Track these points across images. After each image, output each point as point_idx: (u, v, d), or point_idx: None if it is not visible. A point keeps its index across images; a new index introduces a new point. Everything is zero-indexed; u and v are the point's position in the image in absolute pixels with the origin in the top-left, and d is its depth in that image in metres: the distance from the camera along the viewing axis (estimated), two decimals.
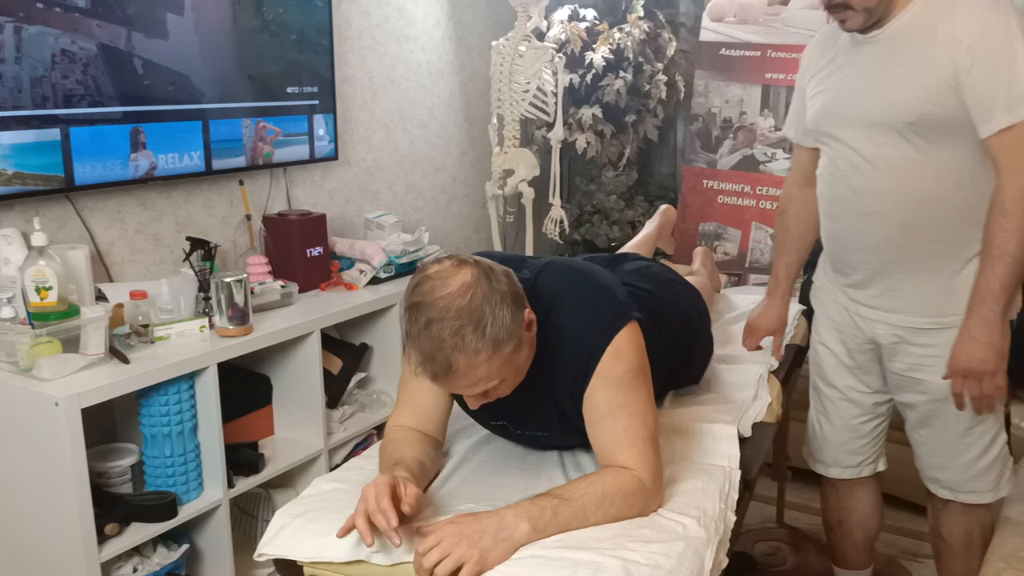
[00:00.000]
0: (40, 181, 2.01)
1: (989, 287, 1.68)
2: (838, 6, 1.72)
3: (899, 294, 1.84)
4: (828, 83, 1.88)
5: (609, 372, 1.43)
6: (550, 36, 3.44)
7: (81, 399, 1.77)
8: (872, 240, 1.83)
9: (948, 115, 1.67)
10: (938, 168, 1.72)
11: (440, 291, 1.29)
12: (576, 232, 3.66)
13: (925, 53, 1.68)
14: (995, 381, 1.72)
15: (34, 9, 1.95)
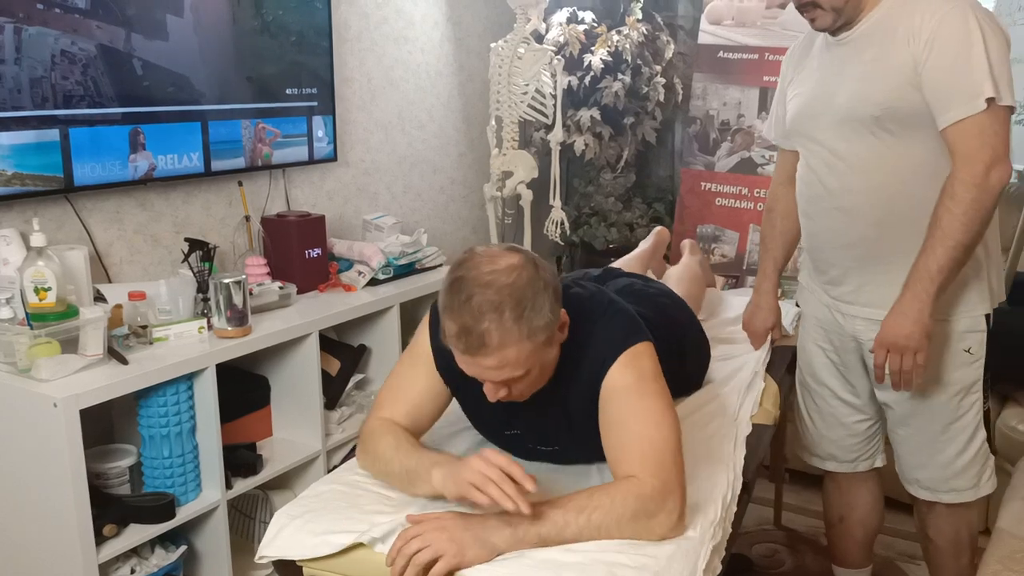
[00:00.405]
0: (39, 182, 2.01)
1: (927, 267, 1.72)
2: (807, 5, 1.79)
3: (874, 288, 1.88)
4: (803, 86, 1.94)
5: (619, 381, 1.43)
6: (549, 38, 3.44)
7: (80, 400, 1.77)
8: (847, 237, 1.88)
9: (912, 109, 1.71)
10: (907, 163, 1.77)
11: (487, 267, 1.31)
12: (574, 234, 3.67)
13: (888, 50, 1.73)
14: (916, 358, 1.76)
15: (34, 10, 1.95)
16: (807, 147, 1.93)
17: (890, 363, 1.79)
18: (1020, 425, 2.63)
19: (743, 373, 2.09)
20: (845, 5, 1.77)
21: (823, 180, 1.89)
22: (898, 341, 1.76)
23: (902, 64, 1.71)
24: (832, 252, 1.94)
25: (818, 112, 1.87)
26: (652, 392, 1.44)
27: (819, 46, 1.93)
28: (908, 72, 1.70)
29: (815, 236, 1.98)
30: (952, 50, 1.66)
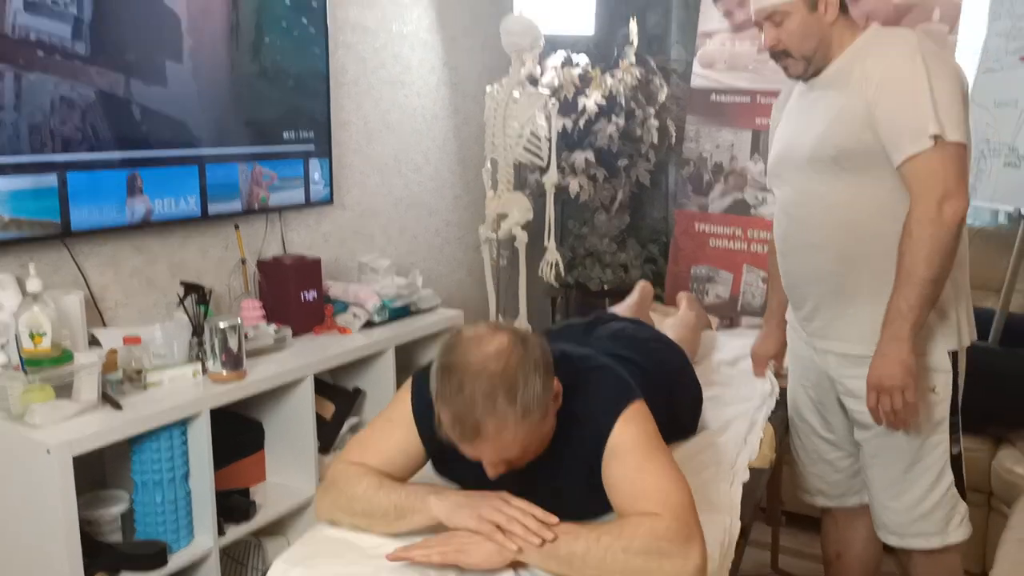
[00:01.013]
0: (36, 227, 2.02)
1: (898, 306, 1.77)
2: (780, 54, 1.90)
3: (843, 323, 1.94)
4: (780, 131, 2.07)
5: (624, 440, 1.43)
6: (544, 82, 3.48)
7: (73, 446, 1.76)
8: (816, 272, 1.96)
9: (866, 149, 1.80)
10: (867, 201, 1.84)
11: (475, 354, 1.31)
12: (569, 275, 3.68)
13: (844, 93, 1.83)
14: (904, 396, 1.80)
15: (35, 57, 1.97)
16: (781, 187, 2.03)
17: (881, 404, 1.83)
18: (1016, 467, 2.63)
19: (741, 421, 2.09)
20: (814, 54, 1.88)
21: (794, 218, 1.99)
22: (883, 382, 1.81)
23: (856, 107, 1.79)
24: (805, 287, 2.02)
25: (789, 154, 1.97)
26: (658, 448, 1.45)
27: (796, 92, 2.03)
28: (862, 114, 1.78)
29: (789, 273, 2.07)
30: (900, 91, 1.75)
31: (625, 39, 3.59)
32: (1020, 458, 2.66)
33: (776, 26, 1.87)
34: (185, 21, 2.28)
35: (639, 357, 1.90)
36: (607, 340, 2.03)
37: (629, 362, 1.84)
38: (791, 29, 1.86)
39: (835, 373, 2.01)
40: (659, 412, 1.82)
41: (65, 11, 2.00)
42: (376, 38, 3.11)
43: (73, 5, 2.02)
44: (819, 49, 1.88)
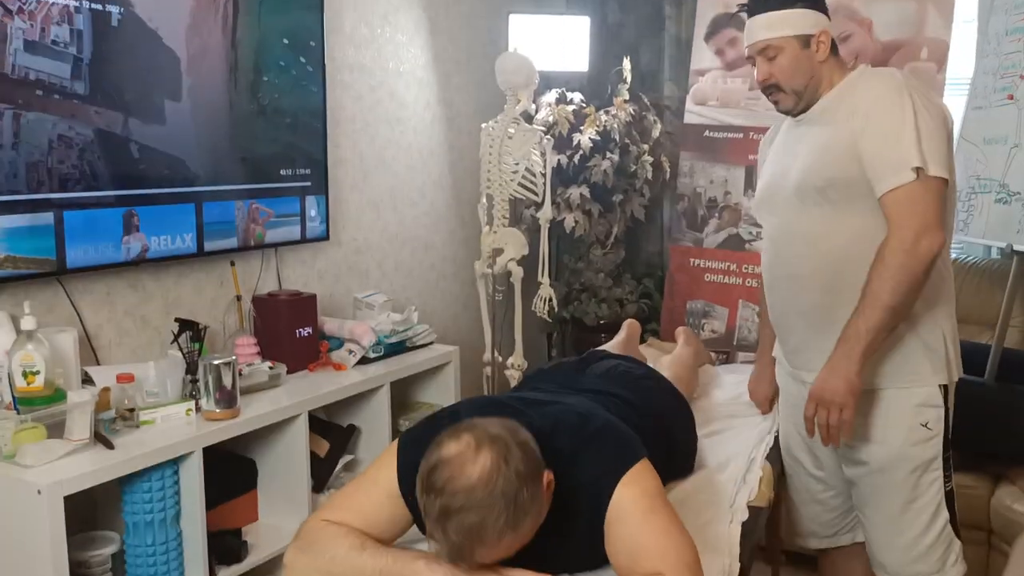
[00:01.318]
0: (32, 265, 2.01)
1: (856, 327, 1.79)
2: (771, 88, 1.95)
3: (827, 355, 1.89)
4: (768, 165, 2.11)
5: (627, 503, 1.42)
6: (538, 118, 3.50)
7: (64, 487, 1.74)
8: (800, 304, 1.98)
9: (852, 179, 1.83)
10: (851, 232, 1.86)
11: (459, 481, 1.27)
12: (564, 310, 3.68)
13: (832, 126, 1.88)
14: (842, 414, 1.81)
15: (33, 96, 1.97)
16: (767, 221, 2.07)
17: (818, 418, 1.85)
18: (1015, 504, 2.61)
19: (739, 459, 2.08)
20: (804, 89, 1.93)
21: (779, 251, 2.01)
22: (824, 396, 1.82)
23: (843, 138, 1.83)
24: (790, 320, 2.03)
25: (776, 187, 2.00)
26: (660, 507, 1.44)
27: (784, 127, 2.08)
28: (848, 145, 1.82)
29: (775, 305, 2.08)
30: (885, 123, 1.79)
31: (619, 76, 3.63)
32: (1019, 495, 2.65)
33: (769, 61, 1.92)
34: (184, 61, 2.30)
35: (632, 395, 1.90)
36: (600, 378, 2.02)
37: (622, 400, 1.83)
38: (783, 64, 1.91)
39: None
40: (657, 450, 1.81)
41: (65, 51, 2.02)
42: (372, 76, 3.14)
43: (73, 45, 2.03)
44: (809, 85, 1.93)
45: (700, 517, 1.80)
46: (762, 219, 2.12)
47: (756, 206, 2.16)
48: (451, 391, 2.94)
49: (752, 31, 1.95)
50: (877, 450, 1.93)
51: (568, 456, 1.45)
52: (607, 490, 1.42)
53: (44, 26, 1.98)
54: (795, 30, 1.90)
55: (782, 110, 2.00)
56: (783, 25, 1.90)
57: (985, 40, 3.14)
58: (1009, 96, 2.93)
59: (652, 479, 1.47)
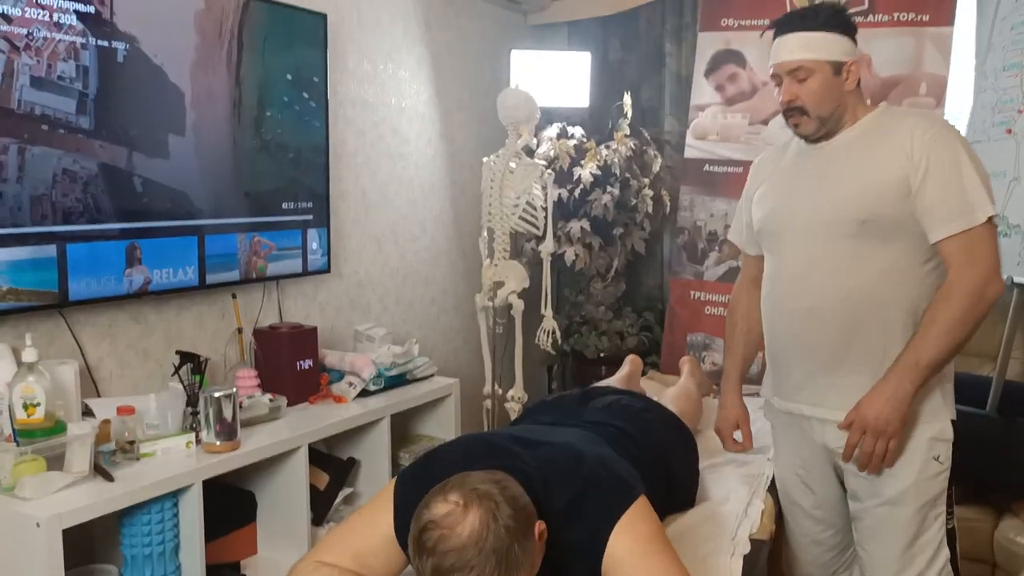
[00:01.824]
0: (34, 297, 2.03)
1: (917, 358, 1.76)
2: (794, 110, 1.88)
3: (838, 393, 1.88)
4: (775, 189, 2.01)
5: (618, 557, 1.41)
6: (539, 153, 3.54)
7: (63, 519, 1.73)
8: (811, 339, 1.91)
9: (897, 217, 1.79)
10: (879, 268, 1.82)
11: (450, 541, 1.28)
12: (566, 343, 3.68)
13: (877, 158, 1.83)
14: (889, 444, 1.79)
15: (39, 131, 2.00)
16: (777, 250, 1.99)
17: (863, 445, 1.81)
18: (1018, 537, 2.59)
19: (741, 492, 2.07)
20: (830, 117, 1.87)
21: (793, 282, 1.93)
22: (872, 422, 1.78)
23: (892, 174, 1.79)
24: (796, 355, 1.96)
25: (793, 215, 1.93)
26: (659, 551, 1.43)
27: (792, 153, 2.01)
28: (899, 183, 1.78)
29: (779, 338, 2.01)
30: (946, 170, 1.76)
31: (619, 111, 3.67)
32: (1022, 528, 2.63)
33: (798, 82, 1.85)
34: (189, 96, 2.33)
35: (633, 428, 1.89)
36: (601, 411, 2.02)
37: (622, 432, 1.83)
38: (812, 88, 1.85)
39: (834, 444, 1.92)
40: (657, 482, 1.81)
41: (71, 87, 2.05)
42: (375, 112, 3.17)
43: (79, 81, 2.06)
44: (835, 113, 1.88)
45: (701, 550, 1.79)
46: (768, 248, 2.03)
47: (761, 234, 2.04)
48: (451, 424, 2.94)
49: (784, 49, 1.87)
50: (890, 484, 1.87)
51: (562, 507, 1.45)
52: (602, 540, 1.42)
53: (51, 62, 2.01)
54: (830, 55, 1.84)
55: (800, 134, 1.93)
56: (819, 48, 1.84)
57: (983, 76, 3.17)
58: (1007, 130, 2.95)
59: (647, 521, 1.46)
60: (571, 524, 1.44)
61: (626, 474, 1.54)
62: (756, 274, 2.11)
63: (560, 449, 1.59)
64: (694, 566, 1.67)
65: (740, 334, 2.21)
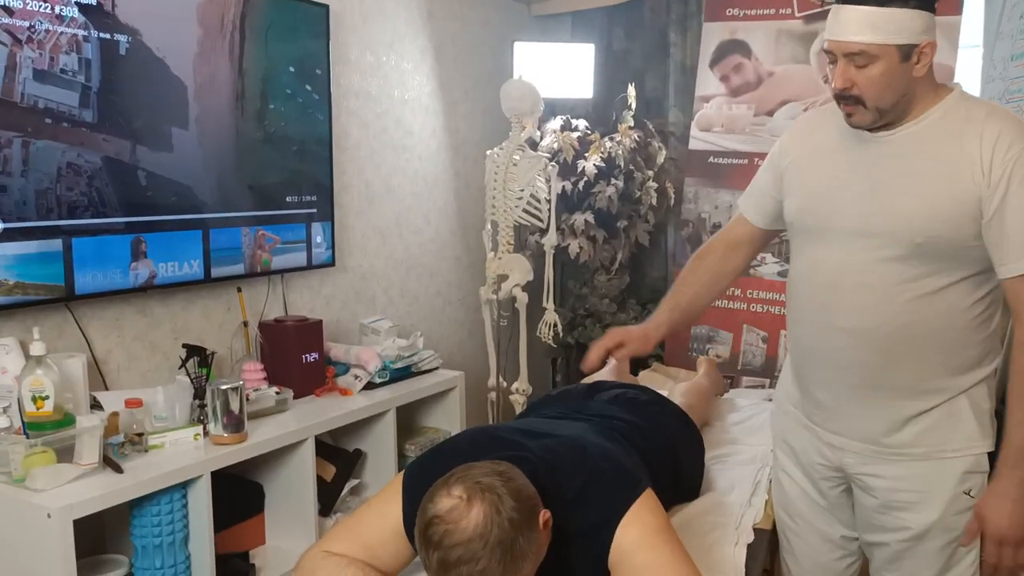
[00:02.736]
0: (41, 291, 2.04)
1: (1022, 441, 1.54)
2: (849, 99, 1.57)
3: (867, 422, 1.70)
4: (817, 175, 1.72)
5: (624, 550, 1.42)
6: (543, 145, 3.53)
7: (73, 510, 1.75)
8: (846, 359, 1.68)
9: (959, 241, 1.55)
10: (926, 296, 1.59)
11: (455, 535, 1.29)
12: (569, 335, 3.68)
13: (945, 169, 1.55)
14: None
15: (43, 124, 2.01)
16: (816, 247, 1.71)
17: (1004, 558, 1.59)
18: None
19: (746, 482, 2.07)
20: (891, 108, 1.57)
21: (832, 290, 1.67)
22: (1015, 532, 1.57)
23: (962, 191, 1.52)
24: (825, 371, 1.73)
25: (834, 217, 1.66)
26: (664, 543, 1.44)
27: (843, 134, 1.68)
28: (968, 202, 1.52)
29: (809, 350, 1.77)
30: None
31: (624, 103, 3.66)
32: None
33: (857, 68, 1.54)
34: (192, 89, 2.34)
35: (640, 420, 1.90)
36: (607, 405, 2.03)
37: (628, 424, 1.84)
38: (874, 76, 1.53)
39: (853, 470, 1.74)
40: (663, 472, 1.82)
41: (73, 80, 2.05)
42: (379, 104, 3.18)
43: (82, 74, 2.07)
44: (899, 104, 1.57)
45: (706, 539, 1.80)
46: (800, 241, 1.77)
47: (794, 226, 1.78)
48: (456, 416, 2.95)
49: (845, 25, 1.53)
50: (916, 518, 1.68)
51: (568, 499, 1.46)
52: (608, 533, 1.44)
53: (53, 55, 2.01)
54: (899, 37, 1.50)
55: (854, 124, 1.61)
56: (888, 28, 1.50)
57: (991, 65, 3.16)
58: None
59: (652, 513, 1.47)
60: (577, 515, 1.45)
61: (632, 467, 1.55)
62: (743, 240, 1.92)
63: (566, 441, 1.60)
64: (699, 555, 1.68)
65: (694, 280, 1.96)
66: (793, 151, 1.79)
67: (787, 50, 3.43)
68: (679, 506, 1.98)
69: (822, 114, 1.79)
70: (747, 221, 1.92)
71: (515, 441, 1.56)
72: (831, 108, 1.71)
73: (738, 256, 1.94)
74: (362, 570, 1.47)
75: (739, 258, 1.95)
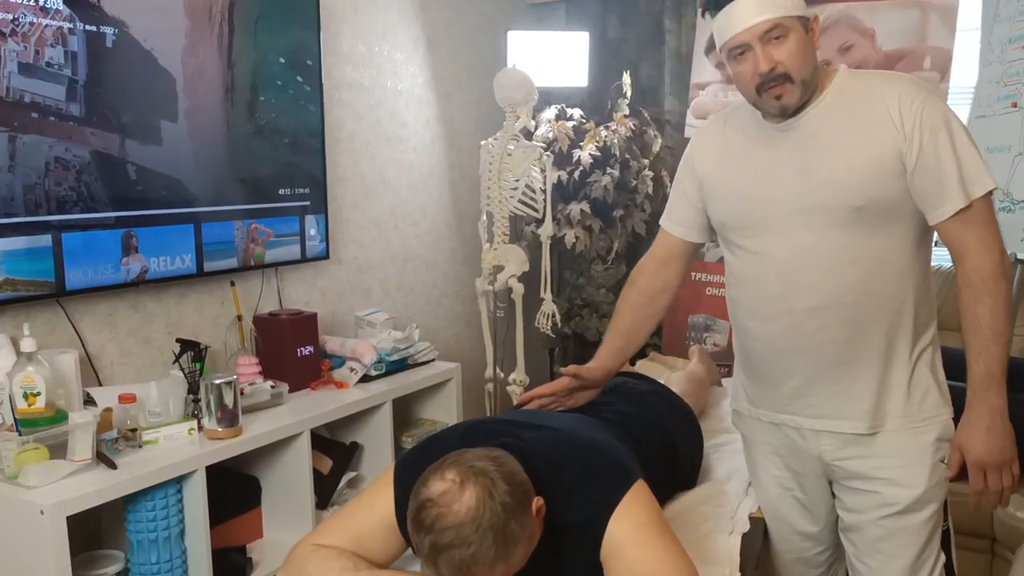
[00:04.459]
0: (31, 287, 2.03)
1: (991, 372, 1.59)
2: (778, 78, 1.61)
3: (842, 398, 1.72)
4: (738, 174, 1.76)
5: (616, 541, 1.41)
6: (538, 135, 3.52)
7: (67, 507, 1.74)
8: (812, 340, 1.70)
9: (893, 199, 1.62)
10: (877, 256, 1.65)
11: (447, 518, 1.28)
12: (566, 326, 3.68)
13: (861, 135, 1.63)
14: (1013, 469, 1.63)
15: (29, 119, 1.99)
16: (752, 246, 1.75)
17: (991, 483, 1.62)
18: (1018, 512, 2.59)
19: (742, 473, 2.06)
20: (811, 80, 1.64)
21: (784, 280, 1.70)
22: (994, 459, 1.61)
23: (883, 151, 1.61)
24: (792, 359, 1.74)
25: (770, 206, 1.71)
26: (657, 536, 1.43)
27: (749, 133, 1.77)
28: (890, 160, 1.60)
29: (768, 342, 1.77)
30: (939, 141, 1.58)
31: (619, 91, 3.64)
32: (1022, 503, 2.63)
33: (776, 45, 1.60)
34: (181, 81, 2.32)
35: (636, 409, 1.89)
36: (604, 393, 2.02)
37: (625, 414, 1.83)
38: (792, 48, 1.60)
39: (831, 456, 1.76)
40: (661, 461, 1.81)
41: (60, 73, 2.04)
42: (372, 95, 3.16)
43: (68, 67, 2.05)
44: (813, 77, 1.64)
45: (701, 528, 1.80)
46: (738, 244, 1.79)
47: (728, 229, 1.80)
48: (453, 408, 2.94)
49: (746, 13, 1.60)
50: (902, 492, 1.71)
51: (561, 487, 1.45)
52: (600, 526, 1.42)
53: (38, 48, 2.00)
54: (797, 10, 1.61)
55: (785, 105, 1.64)
56: (783, 4, 1.59)
57: (989, 48, 3.14)
58: (1013, 104, 2.93)
59: (645, 505, 1.46)
60: (569, 507, 1.44)
61: (624, 458, 1.54)
62: (674, 254, 1.93)
63: (559, 432, 1.59)
64: (694, 544, 1.67)
65: (629, 308, 1.95)
66: (706, 157, 1.85)
67: None
68: (676, 495, 1.98)
69: (720, 120, 1.86)
70: (672, 236, 1.94)
71: (508, 431, 1.56)
72: (726, 114, 1.84)
73: (669, 272, 1.95)
74: (351, 560, 1.47)
75: (670, 273, 1.95)
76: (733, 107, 1.86)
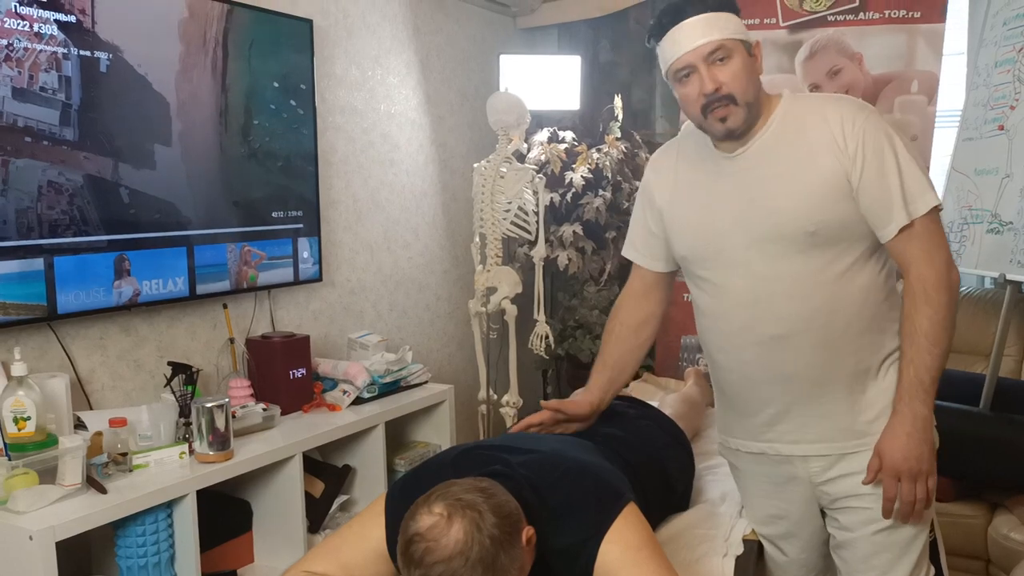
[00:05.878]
0: (23, 310, 2.02)
1: (920, 380, 1.60)
2: (722, 100, 1.60)
3: (818, 422, 1.72)
4: (692, 208, 1.76)
5: (609, 566, 1.41)
6: (531, 157, 3.53)
7: (56, 532, 1.73)
8: (784, 368, 1.69)
9: (845, 220, 1.63)
10: (838, 277, 1.65)
11: (436, 553, 1.28)
12: (560, 347, 3.68)
13: (806, 161, 1.63)
14: (929, 482, 1.62)
15: (22, 143, 1.99)
16: (714, 278, 1.74)
17: (904, 493, 1.62)
18: (1012, 533, 2.59)
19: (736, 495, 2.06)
20: (755, 103, 1.64)
21: (747, 311, 1.69)
22: (912, 466, 1.60)
23: (829, 175, 1.61)
24: (766, 388, 1.73)
25: (724, 237, 1.70)
26: (648, 559, 1.42)
27: (700, 165, 1.76)
28: (838, 183, 1.61)
29: (739, 372, 1.76)
30: (882, 160, 1.60)
31: (610, 114, 3.66)
32: (1016, 524, 2.63)
33: (720, 67, 1.60)
34: (174, 105, 2.33)
35: (626, 433, 1.89)
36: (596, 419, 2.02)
37: (615, 438, 1.83)
38: (736, 70, 1.60)
39: (819, 479, 1.76)
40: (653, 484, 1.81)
41: (54, 98, 2.04)
42: (365, 118, 3.17)
43: (62, 92, 2.06)
44: (757, 100, 1.65)
45: (695, 551, 1.79)
46: (700, 275, 1.76)
47: (689, 261, 1.78)
48: (446, 430, 2.94)
49: (690, 35, 1.61)
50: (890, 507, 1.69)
51: (551, 512, 1.45)
52: (592, 549, 1.42)
53: (32, 73, 2.00)
54: (737, 34, 1.62)
55: (730, 127, 1.63)
56: (727, 26, 1.61)
57: (975, 72, 3.17)
58: (1000, 127, 2.95)
59: (636, 529, 1.46)
60: (560, 530, 1.43)
61: (615, 481, 1.54)
62: (651, 286, 1.93)
63: (548, 456, 1.58)
64: (688, 567, 1.67)
65: (615, 339, 1.96)
66: (662, 189, 1.83)
67: (772, 59, 3.43)
68: (669, 518, 1.97)
69: (673, 151, 1.85)
70: (644, 268, 1.93)
71: (498, 457, 1.55)
72: (677, 144, 1.84)
73: (650, 302, 1.95)
74: None
75: (652, 303, 1.95)
76: (683, 135, 1.85)
